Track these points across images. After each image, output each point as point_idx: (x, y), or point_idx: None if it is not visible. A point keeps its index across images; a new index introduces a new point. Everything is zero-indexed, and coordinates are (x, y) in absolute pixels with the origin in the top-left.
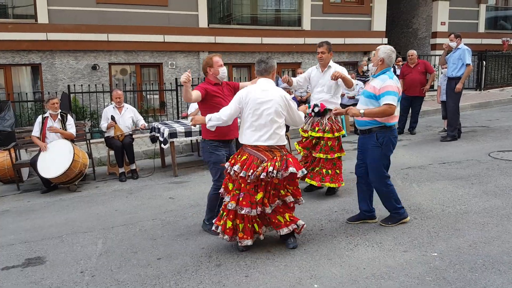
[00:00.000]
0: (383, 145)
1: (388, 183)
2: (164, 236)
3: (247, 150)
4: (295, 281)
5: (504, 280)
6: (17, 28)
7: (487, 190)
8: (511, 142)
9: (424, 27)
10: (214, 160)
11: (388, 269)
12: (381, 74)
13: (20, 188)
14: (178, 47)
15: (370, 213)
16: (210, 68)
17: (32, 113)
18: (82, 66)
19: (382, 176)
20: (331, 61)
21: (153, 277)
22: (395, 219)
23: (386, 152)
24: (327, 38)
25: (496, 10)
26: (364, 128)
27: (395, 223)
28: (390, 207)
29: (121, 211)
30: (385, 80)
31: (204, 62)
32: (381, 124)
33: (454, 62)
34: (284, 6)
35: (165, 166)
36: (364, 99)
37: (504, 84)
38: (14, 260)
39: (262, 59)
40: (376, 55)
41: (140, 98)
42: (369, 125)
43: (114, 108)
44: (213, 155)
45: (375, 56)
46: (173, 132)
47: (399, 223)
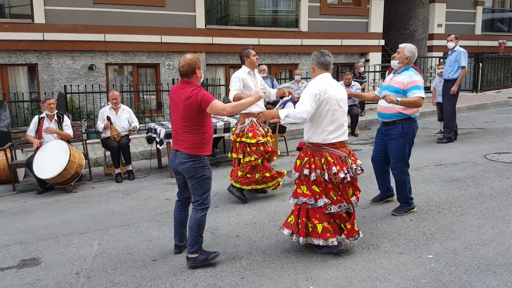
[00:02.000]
0: (407, 135)
1: (408, 173)
2: (160, 237)
3: (324, 150)
4: (291, 283)
5: (499, 282)
6: (14, 28)
7: (482, 192)
8: (507, 144)
9: (421, 29)
10: (209, 174)
11: (384, 271)
12: (404, 70)
13: (15, 188)
14: (175, 48)
15: (390, 192)
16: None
17: (29, 113)
18: (78, 66)
19: (405, 164)
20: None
21: (149, 278)
22: (405, 208)
23: (409, 141)
24: (324, 39)
25: (492, 13)
26: (389, 120)
27: (406, 212)
28: (403, 197)
29: (117, 212)
30: (412, 75)
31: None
32: (406, 116)
33: (450, 64)
34: (282, 7)
35: (162, 167)
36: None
37: (501, 86)
38: (9, 261)
39: (325, 52)
40: (402, 53)
41: (137, 99)
42: (394, 117)
43: (111, 109)
44: (206, 170)
45: (400, 54)
46: (169, 132)
47: (408, 212)
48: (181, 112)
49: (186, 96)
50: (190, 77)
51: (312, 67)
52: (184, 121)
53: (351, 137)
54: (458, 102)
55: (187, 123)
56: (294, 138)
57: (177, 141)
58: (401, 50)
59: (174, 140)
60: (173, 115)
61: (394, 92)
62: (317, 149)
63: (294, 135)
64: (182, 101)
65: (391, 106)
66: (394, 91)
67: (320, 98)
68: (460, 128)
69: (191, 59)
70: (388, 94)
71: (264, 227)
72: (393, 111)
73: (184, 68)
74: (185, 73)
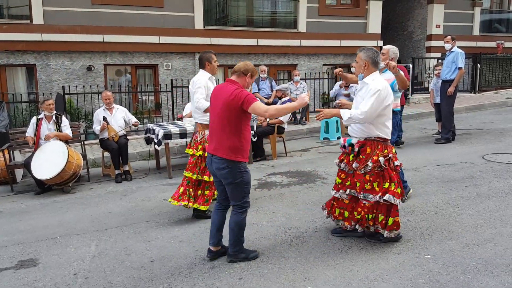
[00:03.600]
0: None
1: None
2: (158, 238)
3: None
4: (289, 283)
5: (497, 282)
6: (12, 29)
7: (480, 192)
8: (505, 145)
9: (419, 30)
10: (247, 179)
11: (382, 272)
12: (386, 71)
13: (13, 189)
14: (173, 49)
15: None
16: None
17: (27, 114)
18: (77, 67)
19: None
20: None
21: (147, 279)
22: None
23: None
24: (322, 40)
25: (490, 13)
26: None
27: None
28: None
29: (115, 213)
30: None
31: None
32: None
33: (448, 65)
34: (280, 8)
35: (160, 168)
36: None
37: (499, 86)
38: (6, 262)
39: (378, 51)
40: (387, 54)
41: (135, 99)
42: None
43: (105, 109)
44: (245, 175)
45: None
46: (168, 133)
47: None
48: (220, 110)
49: (228, 94)
50: (238, 77)
51: (365, 63)
52: (223, 121)
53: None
54: (456, 103)
55: (226, 123)
56: (292, 139)
57: (214, 143)
58: (386, 52)
59: (210, 142)
60: (212, 115)
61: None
62: (385, 142)
63: (293, 136)
64: (223, 99)
65: None
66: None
67: (383, 96)
68: (458, 128)
69: (250, 66)
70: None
71: (262, 227)
72: None
73: (239, 67)
74: (237, 70)
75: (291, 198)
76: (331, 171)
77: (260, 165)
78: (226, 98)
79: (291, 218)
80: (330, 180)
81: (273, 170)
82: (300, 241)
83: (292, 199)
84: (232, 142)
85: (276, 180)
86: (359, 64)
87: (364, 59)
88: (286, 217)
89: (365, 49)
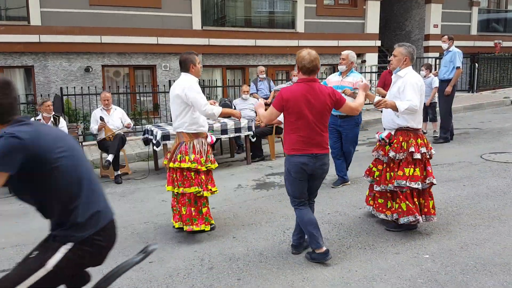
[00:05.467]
0: (360, 123)
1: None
2: (156, 239)
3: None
4: (288, 284)
5: (495, 282)
6: (10, 30)
7: (479, 192)
8: (503, 144)
9: (417, 30)
10: None
11: (380, 271)
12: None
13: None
14: (171, 49)
15: (346, 176)
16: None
17: (24, 115)
18: (75, 68)
19: (356, 144)
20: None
21: (145, 280)
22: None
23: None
24: (320, 40)
25: (488, 13)
26: (345, 115)
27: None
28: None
29: None
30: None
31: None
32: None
33: (445, 65)
34: (278, 8)
35: (158, 169)
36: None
37: (497, 86)
38: (4, 264)
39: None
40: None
41: (134, 100)
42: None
43: (102, 110)
44: None
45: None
46: (166, 134)
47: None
48: (320, 111)
49: (327, 94)
50: (316, 74)
51: (406, 58)
52: (324, 120)
53: None
54: (455, 102)
55: (325, 122)
56: None
57: (315, 143)
58: (346, 57)
59: (307, 143)
60: (304, 117)
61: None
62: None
63: None
64: (322, 100)
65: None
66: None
67: (420, 88)
68: (456, 128)
69: (317, 56)
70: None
71: (261, 228)
72: None
73: (314, 64)
74: (314, 69)
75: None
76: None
77: (258, 166)
78: (326, 98)
79: (289, 218)
80: (328, 180)
81: (271, 170)
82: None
83: None
84: (327, 138)
85: (275, 180)
86: (398, 58)
87: (405, 54)
88: (284, 217)
89: (405, 45)
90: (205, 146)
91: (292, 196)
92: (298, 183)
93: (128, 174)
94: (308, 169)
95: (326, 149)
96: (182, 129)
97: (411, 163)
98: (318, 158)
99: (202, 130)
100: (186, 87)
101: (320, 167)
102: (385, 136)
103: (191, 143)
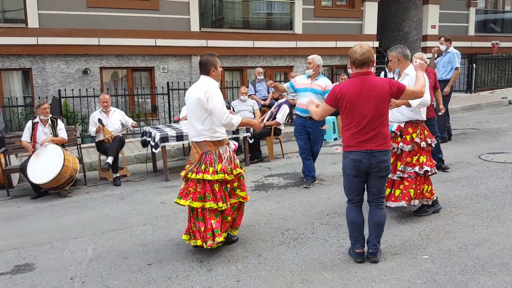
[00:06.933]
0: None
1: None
2: (155, 241)
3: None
4: (287, 285)
5: (495, 282)
6: (7, 33)
7: (477, 192)
8: (501, 144)
9: (415, 30)
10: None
11: (379, 272)
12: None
13: (9, 194)
14: (169, 51)
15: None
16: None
17: (23, 118)
18: (73, 71)
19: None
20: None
21: (144, 283)
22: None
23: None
24: (318, 41)
25: (485, 14)
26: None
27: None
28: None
29: (112, 216)
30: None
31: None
32: None
33: (443, 65)
34: (276, 10)
35: (157, 171)
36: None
37: (494, 86)
38: (2, 267)
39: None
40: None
41: (132, 102)
42: None
43: (101, 112)
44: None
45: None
46: (165, 136)
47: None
48: (375, 104)
49: (384, 86)
50: (369, 67)
51: (398, 58)
52: (381, 114)
53: None
54: (453, 103)
55: (383, 115)
56: (289, 141)
57: (370, 139)
58: (312, 61)
59: (362, 139)
60: (359, 113)
61: (315, 93)
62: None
63: (290, 137)
64: (377, 93)
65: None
66: (315, 93)
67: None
68: (454, 128)
69: (369, 48)
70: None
71: (260, 229)
72: None
73: (366, 56)
74: (366, 61)
75: (288, 199)
76: (328, 172)
77: (257, 167)
78: (382, 90)
79: (288, 219)
80: (327, 182)
81: (270, 171)
82: (298, 242)
83: (289, 200)
84: (387, 131)
85: (273, 181)
86: (393, 61)
87: (396, 56)
88: (283, 218)
89: (394, 48)
90: (230, 152)
91: (345, 193)
92: (352, 180)
93: (127, 176)
94: (362, 166)
95: (383, 145)
96: (205, 138)
97: (420, 151)
98: (373, 155)
99: (224, 137)
100: (209, 92)
101: (377, 165)
102: (395, 129)
103: (217, 151)
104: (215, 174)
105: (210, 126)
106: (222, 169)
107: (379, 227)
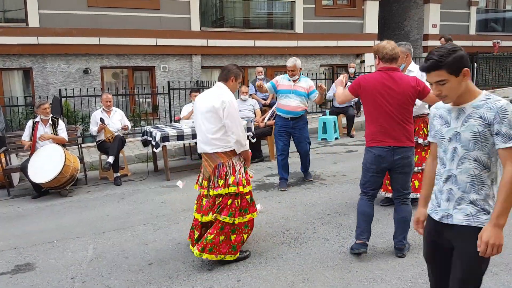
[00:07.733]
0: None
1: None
2: (156, 241)
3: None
4: (288, 285)
5: (497, 281)
6: (8, 32)
7: None
8: None
9: (416, 30)
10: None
11: (381, 272)
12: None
13: (10, 193)
14: (170, 51)
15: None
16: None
17: (23, 117)
18: (73, 70)
19: (310, 144)
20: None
21: (145, 282)
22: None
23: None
24: (319, 40)
25: (486, 13)
26: (297, 116)
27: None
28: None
29: (112, 216)
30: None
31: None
32: (305, 111)
33: None
34: (277, 9)
35: (158, 170)
36: None
37: (496, 85)
38: (3, 266)
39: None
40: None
41: (133, 102)
42: (301, 113)
43: (102, 111)
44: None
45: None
46: (165, 136)
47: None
48: (399, 101)
49: (410, 83)
50: (397, 62)
51: (407, 54)
52: (405, 111)
53: (347, 138)
54: None
55: (407, 113)
56: None
57: (393, 135)
58: (294, 67)
59: (382, 136)
60: (381, 107)
61: (299, 95)
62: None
63: None
64: (402, 90)
65: (298, 105)
66: (299, 95)
67: None
68: None
69: (396, 45)
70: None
71: (261, 229)
72: (299, 109)
73: (395, 51)
74: (396, 56)
75: (289, 199)
76: (329, 172)
77: (258, 167)
78: (407, 88)
79: (289, 219)
80: (328, 181)
81: (271, 171)
82: (299, 242)
83: (290, 200)
84: (410, 128)
85: (274, 181)
86: (401, 57)
87: (405, 52)
88: (284, 218)
89: (402, 44)
90: (243, 162)
91: (360, 186)
92: (370, 174)
93: (128, 175)
94: (384, 161)
95: (406, 142)
96: (217, 149)
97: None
98: (395, 151)
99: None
100: (227, 101)
101: (400, 161)
102: None
103: (230, 163)
104: (231, 187)
105: (223, 136)
106: (234, 182)
107: (404, 223)
